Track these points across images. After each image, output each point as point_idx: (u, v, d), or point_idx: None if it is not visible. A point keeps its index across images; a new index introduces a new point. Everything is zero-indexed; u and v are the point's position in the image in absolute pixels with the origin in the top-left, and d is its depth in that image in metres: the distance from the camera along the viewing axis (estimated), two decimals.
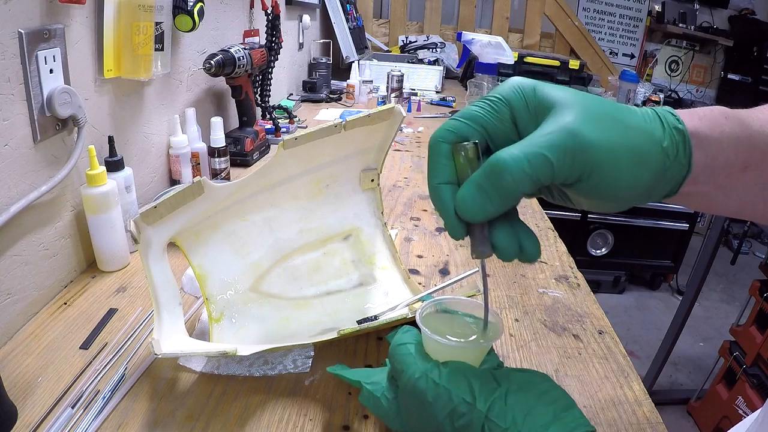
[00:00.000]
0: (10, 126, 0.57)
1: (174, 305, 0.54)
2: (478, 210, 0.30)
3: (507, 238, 0.32)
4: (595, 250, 2.59)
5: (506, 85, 0.32)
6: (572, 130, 0.28)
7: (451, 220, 0.32)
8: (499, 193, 0.29)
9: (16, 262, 0.59)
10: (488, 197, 0.30)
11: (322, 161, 0.63)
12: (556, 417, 0.34)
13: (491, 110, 0.32)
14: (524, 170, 0.28)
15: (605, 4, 3.42)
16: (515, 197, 0.30)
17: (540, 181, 0.29)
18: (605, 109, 0.30)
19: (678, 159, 0.30)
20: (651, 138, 0.30)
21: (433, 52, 2.72)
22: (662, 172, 0.30)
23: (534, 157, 0.28)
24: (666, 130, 0.30)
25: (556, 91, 0.31)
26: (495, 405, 0.35)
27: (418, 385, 0.38)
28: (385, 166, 1.24)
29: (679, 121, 0.30)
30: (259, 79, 1.31)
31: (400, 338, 0.43)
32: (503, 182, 0.29)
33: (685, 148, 0.30)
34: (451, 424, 0.36)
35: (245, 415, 0.50)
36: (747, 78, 3.39)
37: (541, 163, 0.28)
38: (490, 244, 0.32)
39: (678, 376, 2.15)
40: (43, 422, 0.47)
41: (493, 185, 0.29)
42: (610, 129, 0.29)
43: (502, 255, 0.32)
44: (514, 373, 0.38)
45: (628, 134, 0.29)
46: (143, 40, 0.79)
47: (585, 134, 0.28)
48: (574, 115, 0.29)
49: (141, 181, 0.88)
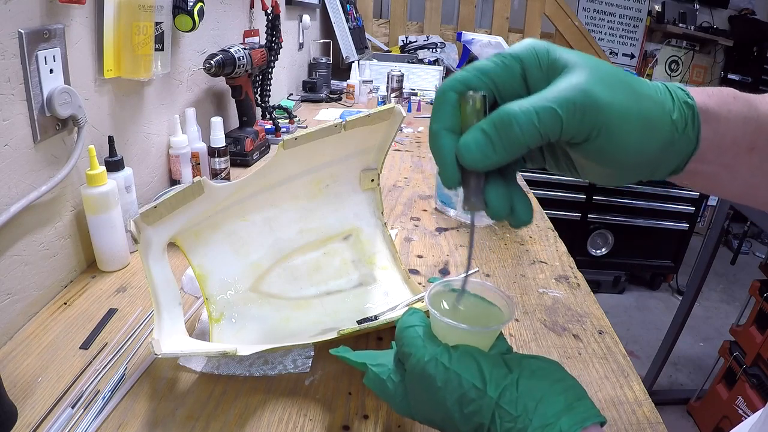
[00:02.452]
0: (10, 126, 0.57)
1: (174, 305, 0.54)
2: (481, 156, 0.30)
3: (500, 195, 0.32)
4: (595, 250, 2.59)
5: (520, 44, 0.32)
6: (584, 88, 0.28)
7: (448, 167, 0.32)
8: (504, 142, 0.29)
9: (16, 262, 0.59)
10: (492, 145, 0.29)
11: (322, 161, 0.63)
12: (568, 406, 0.33)
13: (502, 65, 0.31)
14: (533, 122, 0.28)
15: (605, 4, 3.43)
16: (520, 149, 0.29)
17: (548, 135, 0.29)
18: (618, 74, 0.30)
19: (686, 132, 0.30)
20: (661, 108, 0.30)
21: (433, 52, 2.71)
22: (670, 143, 0.30)
23: (544, 110, 0.28)
24: (675, 103, 0.30)
25: (569, 54, 0.31)
26: (506, 392, 0.34)
27: (428, 369, 0.37)
28: (385, 166, 1.24)
29: (689, 96, 0.31)
30: (259, 79, 1.31)
31: (407, 320, 0.41)
32: (511, 132, 0.29)
33: (694, 123, 0.30)
34: (460, 409, 0.36)
35: (245, 415, 0.50)
36: (747, 78, 3.40)
37: (550, 117, 0.28)
38: (483, 197, 0.32)
39: (678, 376, 2.15)
40: (43, 422, 0.47)
41: (500, 134, 0.29)
42: (622, 93, 0.29)
43: (493, 211, 0.32)
44: (525, 359, 0.37)
45: (639, 101, 0.29)
46: (143, 40, 0.79)
47: (596, 94, 0.28)
48: (586, 75, 0.29)
49: (141, 181, 0.88)
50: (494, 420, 0.34)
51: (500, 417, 0.34)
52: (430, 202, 1.05)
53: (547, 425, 0.32)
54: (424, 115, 1.83)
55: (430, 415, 0.39)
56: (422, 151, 1.41)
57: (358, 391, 0.53)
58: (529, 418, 0.33)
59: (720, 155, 0.32)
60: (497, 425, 0.34)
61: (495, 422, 0.34)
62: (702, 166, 0.32)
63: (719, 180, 0.33)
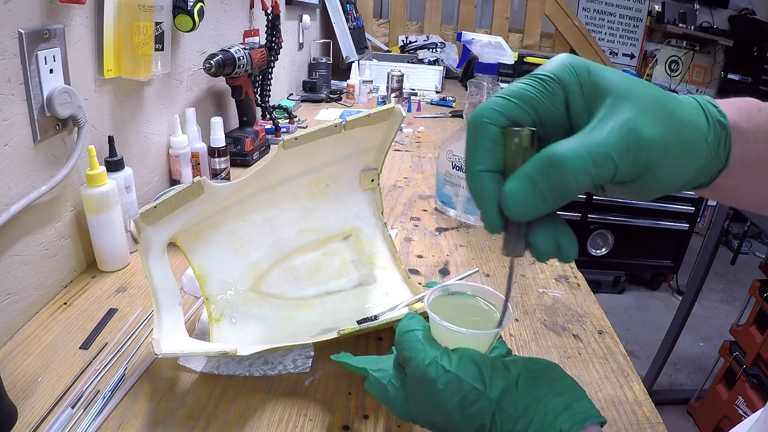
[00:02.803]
0: (10, 126, 0.57)
1: (174, 305, 0.54)
2: (529, 208, 0.27)
3: (547, 238, 0.29)
4: (595, 250, 2.59)
5: (558, 63, 0.29)
6: (634, 127, 0.26)
7: (491, 214, 0.29)
8: (555, 191, 0.27)
9: (16, 262, 0.59)
10: (542, 195, 0.27)
11: (322, 161, 0.63)
12: (567, 406, 0.33)
13: (544, 91, 0.29)
14: (588, 171, 0.26)
15: (605, 4, 3.43)
16: (571, 197, 0.27)
17: (600, 181, 0.27)
18: (661, 100, 0.28)
19: (719, 154, 0.29)
20: (698, 132, 0.28)
21: (433, 52, 2.71)
22: (704, 167, 0.29)
23: (600, 157, 0.26)
24: (710, 124, 0.29)
25: (611, 76, 0.28)
26: (506, 393, 0.34)
27: (428, 372, 0.37)
28: (385, 166, 1.24)
29: (721, 115, 0.29)
30: (259, 79, 1.31)
31: (406, 324, 0.41)
32: (564, 181, 0.26)
33: (726, 143, 0.29)
34: (460, 411, 0.36)
35: (245, 415, 0.50)
36: (747, 78, 3.40)
37: (605, 163, 0.26)
38: (524, 242, 0.30)
39: (678, 376, 2.15)
40: (43, 422, 0.47)
41: (551, 183, 0.27)
42: (666, 124, 0.27)
43: (539, 254, 0.30)
44: (524, 361, 0.37)
45: (681, 129, 0.28)
46: (143, 40, 0.79)
47: (645, 132, 0.26)
48: (634, 110, 0.27)
49: (141, 181, 0.88)
50: (495, 421, 0.34)
51: (501, 418, 0.34)
52: (430, 202, 1.05)
53: (547, 425, 0.32)
54: (424, 115, 1.83)
55: (431, 419, 0.39)
56: (422, 151, 1.41)
57: (358, 391, 0.53)
58: (530, 419, 0.33)
59: (744, 170, 0.31)
60: (498, 426, 0.34)
61: (496, 423, 0.34)
62: (727, 181, 0.31)
63: (741, 194, 0.33)
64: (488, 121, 0.29)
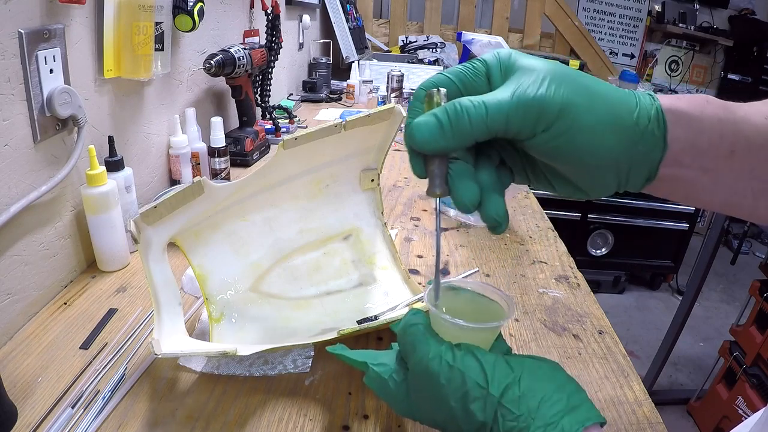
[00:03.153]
0: (10, 126, 0.57)
1: (174, 305, 0.54)
2: (429, 137, 0.32)
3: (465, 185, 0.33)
4: (595, 250, 2.59)
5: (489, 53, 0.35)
6: (527, 85, 0.31)
7: (412, 157, 0.34)
8: (453, 129, 0.31)
9: (16, 262, 0.59)
10: (442, 129, 0.32)
11: (322, 161, 0.63)
12: (569, 406, 0.33)
13: (470, 68, 0.35)
14: (481, 115, 0.31)
15: (605, 4, 3.42)
16: (469, 138, 0.32)
17: (493, 127, 0.31)
18: (573, 75, 0.32)
19: (650, 130, 0.31)
20: (622, 106, 0.31)
21: (433, 52, 2.71)
22: (633, 142, 0.31)
23: (492, 105, 0.31)
24: (639, 102, 0.32)
25: (528, 59, 0.33)
26: (508, 391, 0.35)
27: (431, 367, 0.37)
28: (385, 166, 1.24)
29: (653, 98, 0.32)
30: (259, 79, 1.31)
31: (410, 319, 0.41)
32: (460, 120, 0.31)
33: (659, 122, 0.31)
34: (462, 407, 0.36)
35: (245, 415, 0.50)
36: (747, 78, 3.39)
37: (496, 112, 0.31)
38: (445, 184, 0.34)
39: (678, 376, 2.15)
40: (43, 422, 0.47)
41: (450, 120, 0.31)
42: (571, 91, 0.31)
43: (455, 200, 0.34)
44: (525, 359, 0.37)
45: (592, 98, 0.31)
46: (143, 40, 0.79)
47: (540, 91, 0.31)
48: (535, 76, 0.31)
49: (141, 181, 0.88)
50: (497, 419, 0.34)
51: (503, 416, 0.34)
52: (430, 202, 1.05)
53: (549, 425, 0.32)
54: None
55: (432, 414, 0.38)
56: None
57: (358, 391, 0.53)
58: (532, 418, 0.33)
59: (696, 158, 0.32)
60: (500, 424, 0.34)
61: (498, 421, 0.34)
62: (680, 170, 0.32)
63: (700, 187, 0.33)
64: (421, 88, 0.35)
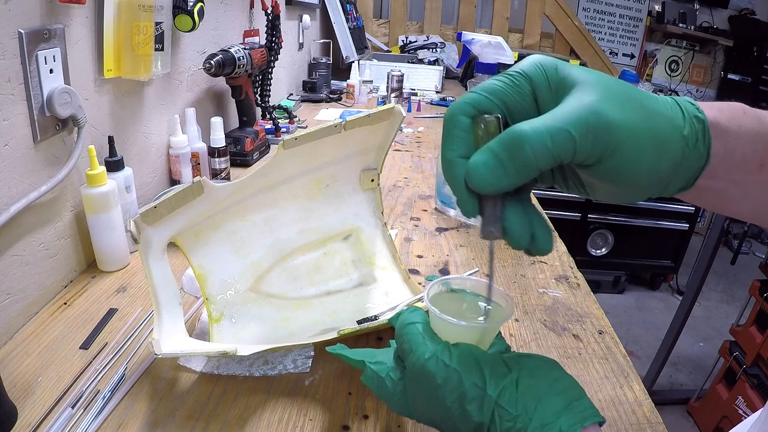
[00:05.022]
0: (10, 126, 0.57)
1: (174, 305, 0.54)
2: (491, 179, 0.29)
3: (519, 222, 0.31)
4: (595, 250, 2.59)
5: (527, 61, 0.31)
6: (595, 108, 0.28)
7: (463, 195, 0.31)
8: (515, 164, 0.28)
9: (16, 262, 0.59)
10: (503, 167, 0.28)
11: (322, 161, 0.63)
12: (567, 406, 0.33)
13: (512, 85, 0.31)
14: (545, 145, 0.27)
15: (605, 4, 3.42)
16: (532, 172, 0.28)
17: (560, 158, 0.28)
18: (628, 91, 0.29)
19: (697, 148, 0.30)
20: (672, 124, 0.29)
21: (433, 52, 2.72)
22: (681, 160, 0.29)
23: (557, 132, 0.27)
24: (686, 118, 0.30)
25: (578, 71, 0.30)
26: (505, 391, 0.34)
27: (428, 366, 0.37)
28: (385, 166, 1.24)
29: (699, 111, 0.30)
30: (259, 79, 1.31)
31: (407, 317, 0.41)
32: (522, 154, 0.28)
33: (705, 138, 0.30)
34: (459, 407, 0.35)
35: (245, 415, 0.50)
36: (747, 78, 3.39)
37: (563, 139, 0.27)
38: (501, 225, 0.31)
39: (678, 376, 2.15)
40: (43, 422, 0.47)
41: (511, 156, 0.28)
42: (633, 111, 0.28)
43: (513, 240, 0.31)
44: (524, 358, 0.37)
45: (650, 118, 0.29)
46: (143, 40, 0.79)
47: (608, 114, 0.28)
48: (597, 95, 0.28)
49: (141, 181, 0.88)
50: (494, 419, 0.34)
51: (500, 416, 0.34)
52: (430, 202, 1.05)
53: (547, 424, 0.32)
54: (424, 115, 1.83)
55: (429, 414, 0.38)
56: (422, 151, 1.41)
57: (358, 391, 0.53)
58: (529, 417, 0.33)
59: (730, 171, 0.31)
60: (497, 424, 0.34)
61: (495, 421, 0.34)
62: (712, 182, 0.31)
63: (729, 197, 0.33)
64: (459, 113, 0.31)
